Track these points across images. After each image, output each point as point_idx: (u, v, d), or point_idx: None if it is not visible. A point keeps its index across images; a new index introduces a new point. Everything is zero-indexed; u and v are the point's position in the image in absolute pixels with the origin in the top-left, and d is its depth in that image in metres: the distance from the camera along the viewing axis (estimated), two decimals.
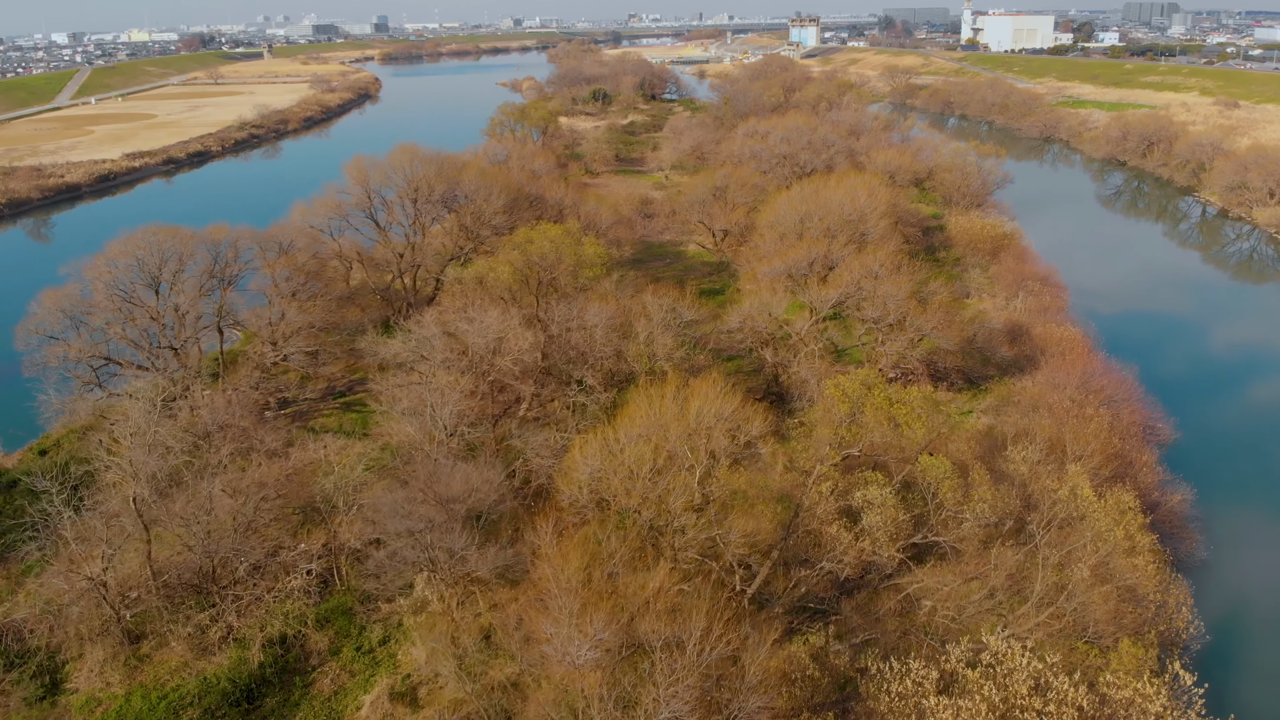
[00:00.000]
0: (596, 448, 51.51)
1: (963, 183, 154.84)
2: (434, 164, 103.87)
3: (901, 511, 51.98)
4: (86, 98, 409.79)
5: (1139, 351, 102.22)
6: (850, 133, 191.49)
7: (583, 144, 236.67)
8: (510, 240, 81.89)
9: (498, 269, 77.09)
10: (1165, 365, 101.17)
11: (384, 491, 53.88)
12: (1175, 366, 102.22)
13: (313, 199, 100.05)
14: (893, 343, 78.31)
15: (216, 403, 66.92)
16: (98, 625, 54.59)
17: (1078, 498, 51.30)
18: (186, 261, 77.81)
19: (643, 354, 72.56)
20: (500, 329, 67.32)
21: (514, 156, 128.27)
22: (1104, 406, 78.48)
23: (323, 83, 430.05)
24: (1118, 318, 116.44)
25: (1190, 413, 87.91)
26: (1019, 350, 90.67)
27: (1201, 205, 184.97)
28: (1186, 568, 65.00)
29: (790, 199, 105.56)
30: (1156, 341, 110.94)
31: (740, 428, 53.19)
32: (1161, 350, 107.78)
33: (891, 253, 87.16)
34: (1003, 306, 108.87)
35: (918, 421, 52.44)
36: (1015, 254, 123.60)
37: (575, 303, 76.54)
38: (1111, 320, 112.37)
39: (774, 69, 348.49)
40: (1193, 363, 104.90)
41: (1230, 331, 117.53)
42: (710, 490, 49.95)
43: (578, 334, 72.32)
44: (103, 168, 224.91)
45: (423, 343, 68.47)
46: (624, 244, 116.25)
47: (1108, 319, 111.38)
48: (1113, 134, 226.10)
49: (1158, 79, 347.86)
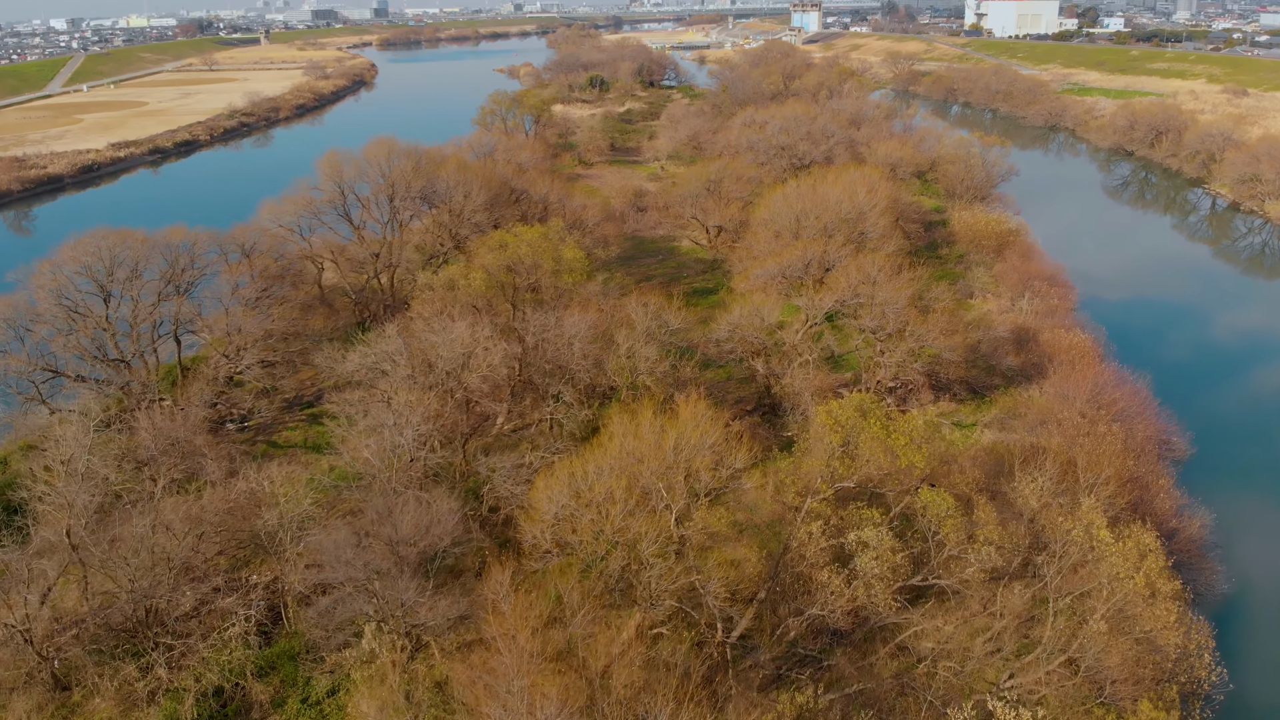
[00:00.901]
0: (564, 483, 46.76)
1: (966, 175, 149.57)
2: (411, 159, 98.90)
3: (899, 552, 47.18)
4: (79, 85, 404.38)
5: (1150, 355, 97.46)
6: (851, 122, 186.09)
7: (577, 133, 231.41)
8: (485, 243, 76.84)
9: (470, 275, 72.04)
10: (1178, 371, 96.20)
11: (329, 531, 48.98)
12: (1189, 372, 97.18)
13: (283, 196, 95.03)
14: (892, 353, 73.47)
15: (163, 423, 62.03)
16: (23, 673, 50.07)
17: (1093, 538, 46.49)
18: (139, 267, 72.87)
19: (624, 367, 67.76)
20: (469, 342, 62.38)
21: (500, 149, 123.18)
22: (1116, 421, 73.71)
23: (317, 69, 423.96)
24: (1127, 318, 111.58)
25: (1206, 423, 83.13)
26: (1026, 358, 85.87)
27: (1211, 198, 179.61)
28: (1206, 602, 60.36)
29: (786, 195, 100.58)
30: (1168, 344, 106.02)
31: (723, 460, 48.36)
32: (1174, 354, 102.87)
33: (890, 255, 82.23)
34: (1008, 308, 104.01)
35: (918, 454, 47.66)
36: (1021, 251, 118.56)
37: (554, 310, 71.64)
38: (1121, 321, 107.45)
39: (775, 55, 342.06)
40: (1207, 368, 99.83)
41: (1246, 333, 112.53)
42: (689, 533, 45.15)
43: (555, 345, 67.46)
44: (86, 158, 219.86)
45: (384, 357, 63.52)
46: (612, 243, 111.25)
47: (1117, 319, 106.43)
48: (1120, 123, 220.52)
49: (1164, 65, 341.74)
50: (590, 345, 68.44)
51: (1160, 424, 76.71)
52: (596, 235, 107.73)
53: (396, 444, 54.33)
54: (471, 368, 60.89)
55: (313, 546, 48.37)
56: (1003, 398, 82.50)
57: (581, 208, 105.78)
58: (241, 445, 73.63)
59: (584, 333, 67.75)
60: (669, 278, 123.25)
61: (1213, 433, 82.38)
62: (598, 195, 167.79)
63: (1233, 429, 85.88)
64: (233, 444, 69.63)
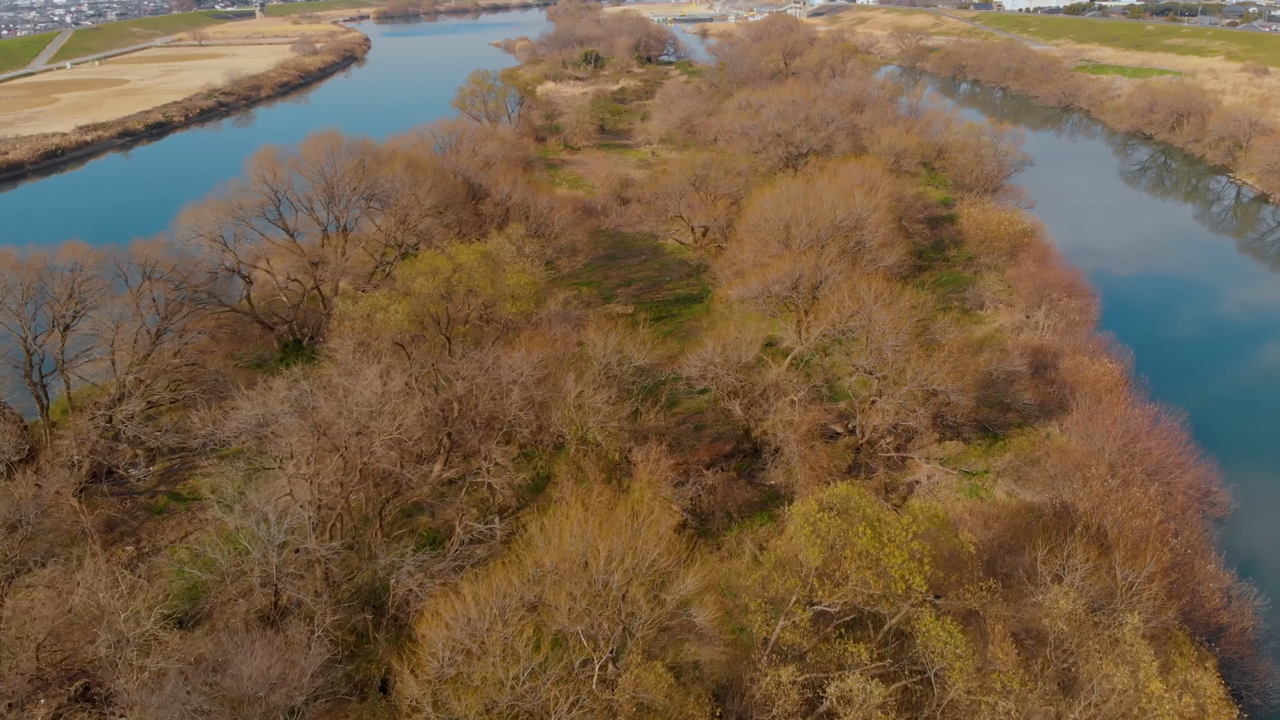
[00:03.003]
0: (458, 625, 36.31)
1: (976, 165, 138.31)
2: (356, 156, 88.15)
3: (891, 701, 36.81)
4: (63, 62, 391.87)
5: (1182, 380, 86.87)
6: (853, 105, 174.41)
7: (565, 115, 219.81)
8: (415, 266, 65.97)
9: (392, 307, 61.12)
10: (1215, 401, 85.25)
11: (155, 678, 38.60)
12: (1227, 403, 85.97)
13: (207, 199, 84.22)
14: (890, 396, 62.90)
15: (20, 490, 51.69)
16: None
17: (1140, 686, 36.15)
18: (4, 299, 62.32)
19: (573, 420, 57.24)
20: (378, 397, 51.80)
21: (466, 139, 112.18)
22: (1152, 476, 63.36)
23: (306, 44, 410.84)
24: (1153, 332, 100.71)
25: (1249, 464, 72.70)
26: (1044, 391, 75.28)
27: (1237, 187, 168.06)
28: (1262, 714, 50.16)
29: (775, 198, 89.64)
30: (1201, 367, 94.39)
31: (668, 583, 37.87)
32: (1208, 379, 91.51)
33: (889, 277, 71.51)
34: (1022, 323, 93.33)
35: (917, 574, 37.30)
36: (1036, 254, 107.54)
37: (496, 346, 60.98)
38: (1146, 336, 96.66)
39: (777, 30, 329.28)
40: (1244, 396, 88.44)
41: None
42: (617, 700, 34.71)
43: (490, 393, 56.82)
44: (50, 143, 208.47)
45: (269, 419, 52.90)
46: (581, 249, 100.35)
47: (1142, 334, 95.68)
48: (1139, 105, 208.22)
49: (1181, 42, 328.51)
50: (536, 389, 57.85)
51: (1200, 472, 66.10)
52: (565, 241, 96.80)
53: (270, 537, 43.97)
54: (374, 431, 50.33)
55: (136, 696, 38.00)
56: (1018, 437, 72.04)
57: (548, 209, 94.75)
58: (141, 497, 63.54)
59: (528, 375, 57.13)
60: (650, 282, 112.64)
61: (1257, 479, 71.86)
62: (580, 185, 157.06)
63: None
64: (115, 505, 59.26)
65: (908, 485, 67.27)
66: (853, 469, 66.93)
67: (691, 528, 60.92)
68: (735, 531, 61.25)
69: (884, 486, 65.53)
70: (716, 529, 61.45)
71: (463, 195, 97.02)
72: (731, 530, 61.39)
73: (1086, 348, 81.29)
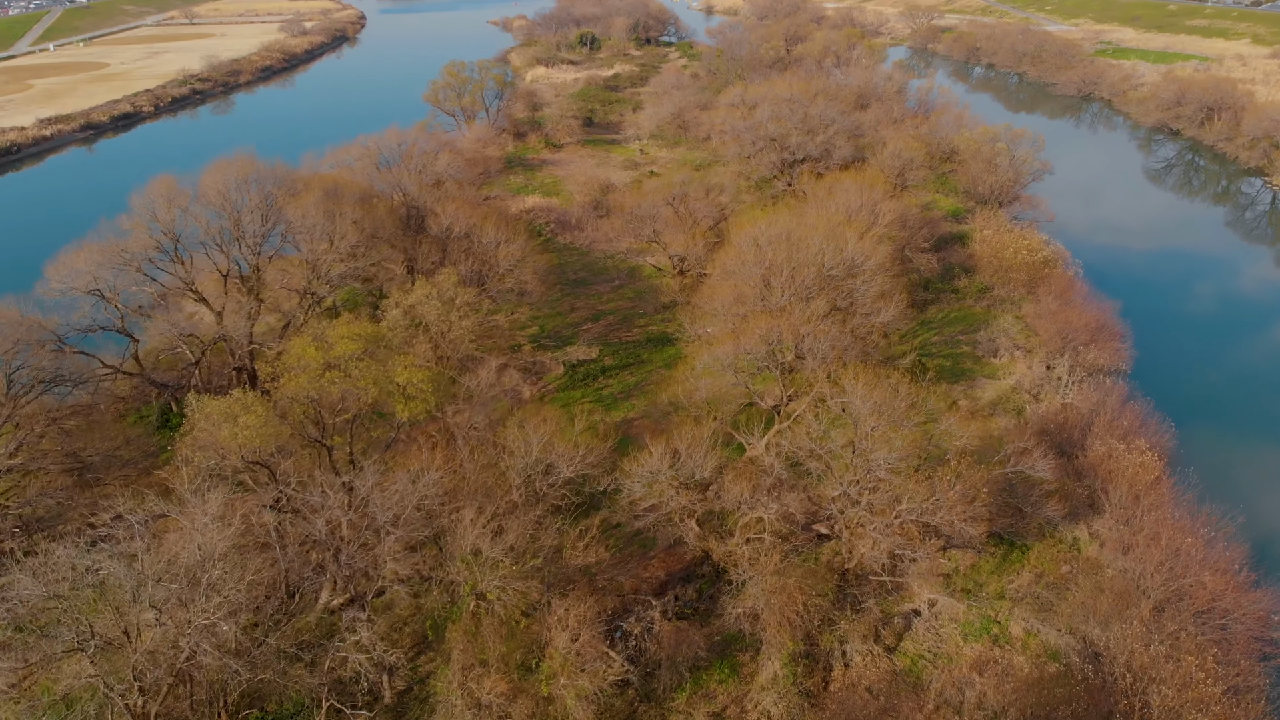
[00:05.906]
0: None
1: (990, 174, 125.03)
2: (263, 187, 75.58)
3: None
4: (47, 44, 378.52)
5: (1227, 451, 74.25)
6: (857, 100, 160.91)
7: (550, 107, 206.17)
8: (281, 361, 53.22)
9: (242, 419, 47.97)
10: (1272, 482, 72.53)
11: None
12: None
13: (85, 242, 71.64)
14: (884, 522, 50.35)
15: None
16: None
17: None
18: None
19: (467, 575, 44.74)
20: (201, 555, 39.47)
21: (413, 155, 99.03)
22: (1202, 617, 51.05)
23: (295, 24, 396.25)
24: (1191, 387, 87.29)
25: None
26: (1069, 485, 62.55)
27: (1273, 192, 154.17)
28: None
29: (756, 239, 76.75)
30: (1248, 436, 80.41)
31: None
32: (1259, 452, 78.13)
33: (882, 371, 58.73)
34: (1043, 377, 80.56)
35: None
36: (1058, 289, 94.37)
37: (385, 457, 48.58)
38: (1184, 393, 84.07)
39: (783, 8, 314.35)
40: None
41: None
42: None
43: (356, 544, 44.26)
44: (6, 138, 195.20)
45: (54, 585, 40.38)
46: (533, 291, 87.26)
47: (1180, 393, 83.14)
48: (1165, 96, 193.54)
49: (1205, 23, 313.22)
50: (425, 526, 45.46)
51: (1264, 610, 53.48)
52: (514, 281, 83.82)
53: None
54: (199, 609, 38.07)
55: None
56: (1039, 549, 59.46)
57: (495, 246, 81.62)
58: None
59: (412, 510, 44.67)
60: (621, 316, 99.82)
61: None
62: (557, 192, 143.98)
63: None
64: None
65: (904, 618, 54.86)
66: (838, 599, 54.56)
67: (633, 685, 48.88)
68: (686, 694, 48.99)
69: (876, 625, 53.17)
70: (663, 688, 49.23)
71: (399, 227, 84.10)
72: (682, 692, 49.12)
73: (1120, 424, 68.41)
